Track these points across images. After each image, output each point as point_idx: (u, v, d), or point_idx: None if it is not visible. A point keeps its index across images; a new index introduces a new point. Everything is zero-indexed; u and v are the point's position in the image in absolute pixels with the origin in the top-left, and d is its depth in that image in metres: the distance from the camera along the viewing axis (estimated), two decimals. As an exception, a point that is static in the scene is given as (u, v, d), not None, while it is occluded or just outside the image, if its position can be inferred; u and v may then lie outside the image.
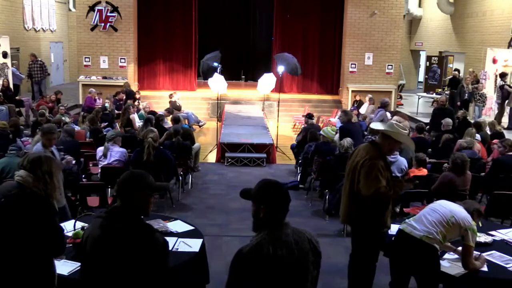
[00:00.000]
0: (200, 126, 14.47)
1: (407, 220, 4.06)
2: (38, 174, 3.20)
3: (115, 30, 16.23)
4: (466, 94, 14.80)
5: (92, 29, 16.21)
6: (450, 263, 3.93)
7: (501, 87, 13.92)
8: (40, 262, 3.08)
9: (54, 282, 3.21)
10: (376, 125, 4.60)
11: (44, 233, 3.03)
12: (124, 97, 13.85)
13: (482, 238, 4.35)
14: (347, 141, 7.49)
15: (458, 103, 14.52)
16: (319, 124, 12.83)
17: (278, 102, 12.98)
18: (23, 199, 3.09)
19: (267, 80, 12.86)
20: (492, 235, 4.48)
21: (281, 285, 2.49)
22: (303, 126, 11.79)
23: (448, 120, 9.81)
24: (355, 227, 4.51)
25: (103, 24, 16.16)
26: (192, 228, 4.49)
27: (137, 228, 2.66)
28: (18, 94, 15.17)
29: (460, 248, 3.94)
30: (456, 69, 18.05)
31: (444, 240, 3.88)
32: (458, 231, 3.84)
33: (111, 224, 2.64)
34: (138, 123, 11.08)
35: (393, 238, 4.17)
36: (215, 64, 12.65)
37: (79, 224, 4.19)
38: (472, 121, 10.74)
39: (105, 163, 7.31)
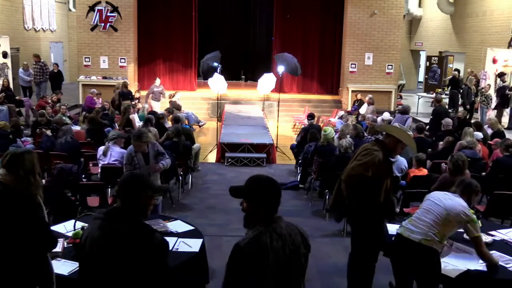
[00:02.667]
0: (200, 126, 14.47)
1: (403, 224, 4.04)
2: (19, 173, 3.09)
3: (115, 30, 16.23)
4: (473, 96, 14.80)
5: (92, 29, 16.21)
6: (448, 264, 3.93)
7: (502, 88, 13.92)
8: (33, 259, 3.08)
9: (52, 280, 3.21)
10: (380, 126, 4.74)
11: (29, 229, 3.02)
12: (116, 99, 13.82)
13: (482, 238, 4.34)
14: (347, 141, 7.49)
15: (468, 106, 14.50)
16: (319, 124, 12.83)
17: (278, 102, 12.98)
18: (5, 197, 3.05)
19: (267, 80, 12.87)
20: (492, 235, 4.48)
21: (277, 277, 2.51)
22: (302, 126, 11.79)
23: (448, 120, 9.82)
24: (352, 221, 4.54)
25: (103, 24, 16.16)
26: (192, 228, 4.49)
27: (137, 229, 2.65)
28: (27, 95, 15.19)
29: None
30: (456, 69, 18.05)
31: (443, 239, 3.87)
32: (457, 225, 3.84)
33: (111, 225, 2.64)
34: (138, 123, 11.07)
35: (393, 238, 4.17)
36: (215, 64, 12.64)
37: (79, 224, 4.19)
38: (478, 122, 10.71)
39: (105, 162, 7.31)
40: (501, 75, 14.09)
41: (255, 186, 2.60)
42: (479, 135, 8.46)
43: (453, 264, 3.91)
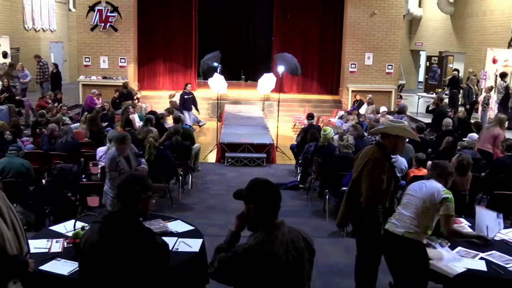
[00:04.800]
0: (200, 126, 14.46)
1: (389, 219, 4.09)
2: None
3: (115, 30, 16.23)
4: (474, 96, 14.76)
5: (92, 29, 16.21)
6: (447, 264, 3.92)
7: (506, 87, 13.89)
8: None
9: None
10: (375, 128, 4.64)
11: None
12: (118, 96, 13.82)
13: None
14: (347, 141, 7.48)
15: (467, 106, 14.48)
16: (319, 124, 12.83)
17: (278, 102, 12.98)
18: None
19: (267, 80, 12.86)
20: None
21: (279, 283, 2.50)
22: (302, 126, 11.79)
23: (448, 120, 9.82)
24: (355, 228, 4.51)
25: (103, 24, 16.17)
26: (192, 228, 4.48)
27: (137, 233, 2.64)
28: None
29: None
30: (456, 69, 18.04)
31: (427, 230, 3.91)
32: (435, 210, 3.86)
33: (110, 229, 2.63)
34: (138, 123, 11.07)
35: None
36: (215, 64, 12.65)
37: (79, 224, 4.19)
38: (478, 122, 10.70)
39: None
40: (503, 75, 14.03)
41: (252, 189, 2.61)
42: (475, 136, 8.44)
43: (452, 264, 3.90)
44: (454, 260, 3.92)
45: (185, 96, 13.98)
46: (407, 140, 4.73)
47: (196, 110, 14.43)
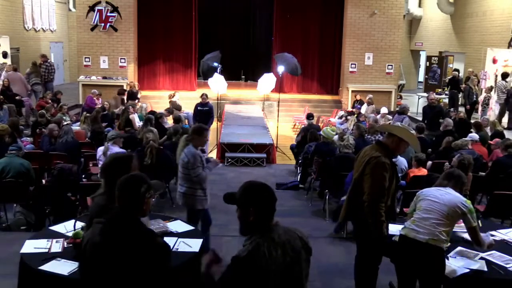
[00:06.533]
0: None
1: (406, 225, 4.01)
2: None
3: (115, 30, 16.23)
4: (475, 96, 14.76)
5: (92, 29, 16.21)
6: (448, 264, 3.92)
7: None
8: None
9: None
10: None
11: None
12: (123, 98, 13.83)
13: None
14: (348, 141, 7.48)
15: (468, 107, 14.47)
16: (319, 124, 12.83)
17: (278, 102, 12.98)
18: None
19: (267, 80, 12.86)
20: (492, 235, 4.47)
21: (278, 285, 2.48)
22: (302, 126, 11.79)
23: (449, 121, 9.81)
24: (356, 228, 4.51)
25: (103, 24, 16.17)
26: (192, 228, 4.48)
27: (139, 235, 2.63)
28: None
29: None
30: (456, 69, 18.04)
31: (449, 236, 3.89)
32: (457, 217, 3.88)
33: (112, 230, 2.62)
34: (138, 123, 11.06)
35: (393, 238, 4.15)
36: (215, 64, 12.64)
37: (79, 224, 4.19)
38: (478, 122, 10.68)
39: (105, 162, 7.30)
40: (504, 75, 14.00)
41: (246, 192, 2.56)
42: (475, 136, 8.44)
43: (453, 264, 3.90)
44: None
45: (199, 108, 11.29)
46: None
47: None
